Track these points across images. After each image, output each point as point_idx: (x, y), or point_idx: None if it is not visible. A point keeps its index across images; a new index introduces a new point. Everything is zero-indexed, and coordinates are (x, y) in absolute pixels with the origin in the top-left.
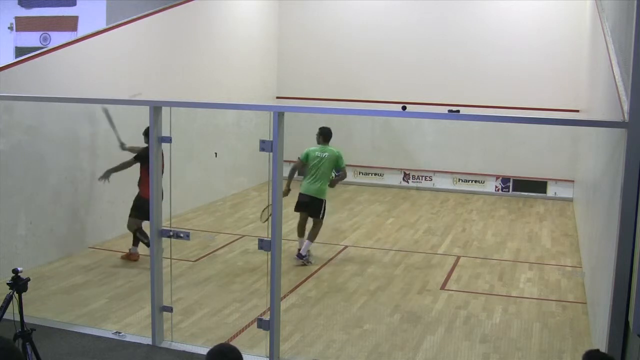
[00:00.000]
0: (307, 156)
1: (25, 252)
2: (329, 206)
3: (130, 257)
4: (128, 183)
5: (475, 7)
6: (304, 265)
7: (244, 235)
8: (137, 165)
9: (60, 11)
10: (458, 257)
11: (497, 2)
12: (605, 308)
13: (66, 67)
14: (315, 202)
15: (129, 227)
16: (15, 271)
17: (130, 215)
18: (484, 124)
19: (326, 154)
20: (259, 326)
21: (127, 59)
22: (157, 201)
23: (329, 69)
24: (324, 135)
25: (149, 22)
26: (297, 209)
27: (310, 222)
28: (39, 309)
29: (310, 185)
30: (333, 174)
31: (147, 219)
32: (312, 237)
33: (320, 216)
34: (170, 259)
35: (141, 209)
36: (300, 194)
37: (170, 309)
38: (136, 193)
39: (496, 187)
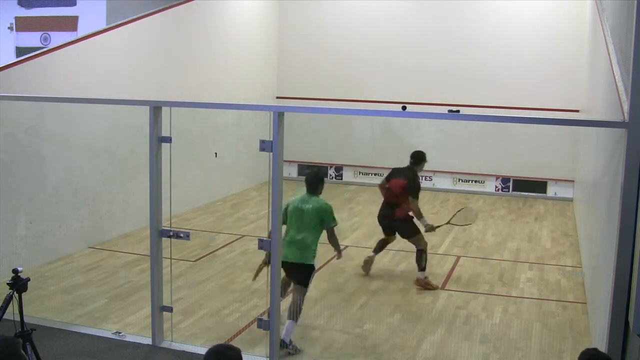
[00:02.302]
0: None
1: (25, 252)
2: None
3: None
4: (127, 183)
5: (475, 7)
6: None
7: (244, 235)
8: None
9: (60, 11)
10: (458, 257)
11: (497, 3)
12: (605, 308)
13: (66, 67)
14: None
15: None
16: (15, 271)
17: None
18: (484, 124)
19: (309, 205)
20: (259, 326)
21: (127, 59)
22: (157, 201)
23: (329, 69)
24: (307, 183)
25: (149, 22)
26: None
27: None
28: (39, 309)
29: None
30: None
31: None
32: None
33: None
34: (170, 259)
35: (413, 226)
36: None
37: (170, 309)
38: None
39: (496, 187)
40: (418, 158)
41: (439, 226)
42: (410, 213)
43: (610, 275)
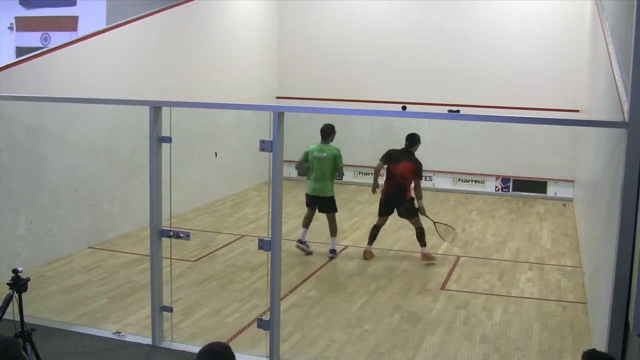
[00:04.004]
0: (306, 156)
1: (25, 252)
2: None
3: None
4: (127, 183)
5: (475, 7)
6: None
7: (244, 235)
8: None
9: (60, 11)
10: (458, 257)
11: (497, 3)
12: (605, 308)
13: (66, 67)
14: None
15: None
16: (15, 271)
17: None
18: (484, 124)
19: (325, 153)
20: (259, 326)
21: (127, 59)
22: (157, 201)
23: (329, 69)
24: (321, 133)
25: (149, 22)
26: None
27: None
28: (39, 309)
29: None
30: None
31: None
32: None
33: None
34: (170, 259)
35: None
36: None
37: (170, 309)
38: None
39: (496, 187)
40: (414, 140)
41: (426, 215)
42: (413, 194)
43: (610, 275)
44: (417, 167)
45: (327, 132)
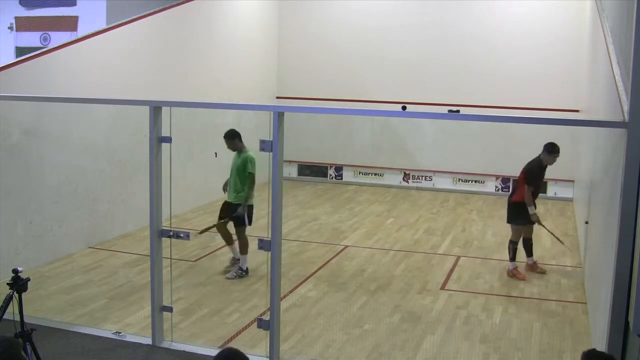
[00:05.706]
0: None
1: (25, 252)
2: (328, 206)
3: (534, 269)
4: (127, 183)
5: (475, 7)
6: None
7: None
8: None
9: (60, 11)
10: (458, 257)
11: (497, 2)
12: (605, 308)
13: (66, 67)
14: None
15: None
16: (15, 271)
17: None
18: (484, 124)
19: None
20: (259, 326)
21: (127, 59)
22: (157, 201)
23: (329, 69)
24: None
25: (149, 22)
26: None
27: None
28: (39, 309)
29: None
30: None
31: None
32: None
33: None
34: (171, 259)
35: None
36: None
37: (170, 309)
38: None
39: (496, 187)
40: (545, 148)
41: (542, 224)
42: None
43: (610, 275)
44: (525, 168)
45: (230, 137)
